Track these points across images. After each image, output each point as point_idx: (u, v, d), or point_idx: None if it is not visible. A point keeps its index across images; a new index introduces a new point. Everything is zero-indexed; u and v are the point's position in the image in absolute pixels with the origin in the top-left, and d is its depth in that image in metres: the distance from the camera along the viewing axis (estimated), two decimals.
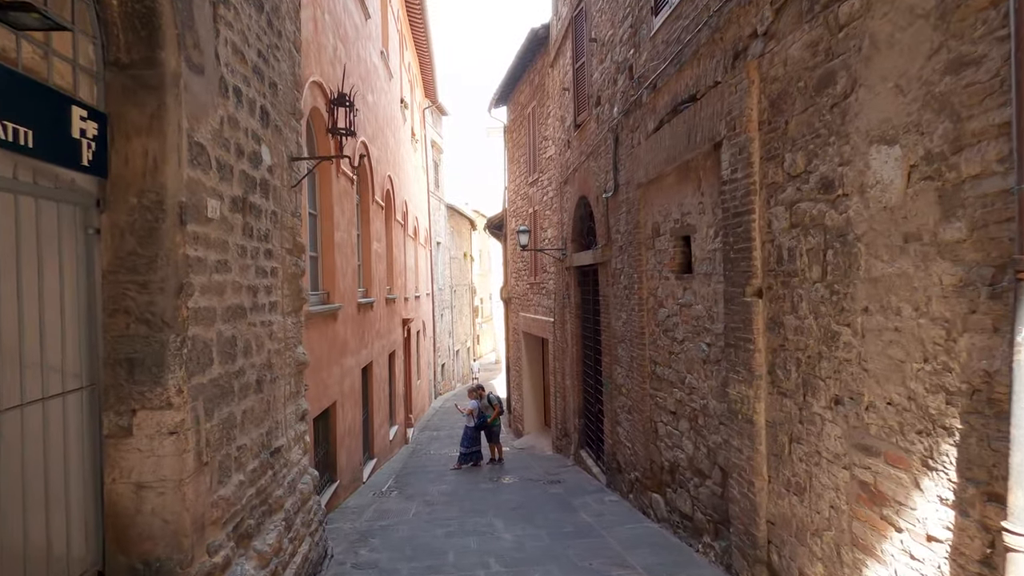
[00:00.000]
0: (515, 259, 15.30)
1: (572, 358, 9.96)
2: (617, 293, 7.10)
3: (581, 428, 9.74)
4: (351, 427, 8.43)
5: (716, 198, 4.33)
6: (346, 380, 8.16)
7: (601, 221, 7.74)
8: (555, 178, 11.15)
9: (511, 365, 16.36)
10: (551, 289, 11.80)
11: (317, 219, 7.50)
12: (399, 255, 14.34)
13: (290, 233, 4.89)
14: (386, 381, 11.91)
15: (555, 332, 11.46)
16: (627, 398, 6.80)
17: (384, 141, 12.12)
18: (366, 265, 10.40)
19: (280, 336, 4.57)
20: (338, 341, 7.72)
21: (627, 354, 6.73)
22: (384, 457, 11.44)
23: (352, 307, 8.64)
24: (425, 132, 24.26)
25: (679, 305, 5.16)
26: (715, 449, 4.47)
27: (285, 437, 4.65)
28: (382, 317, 11.46)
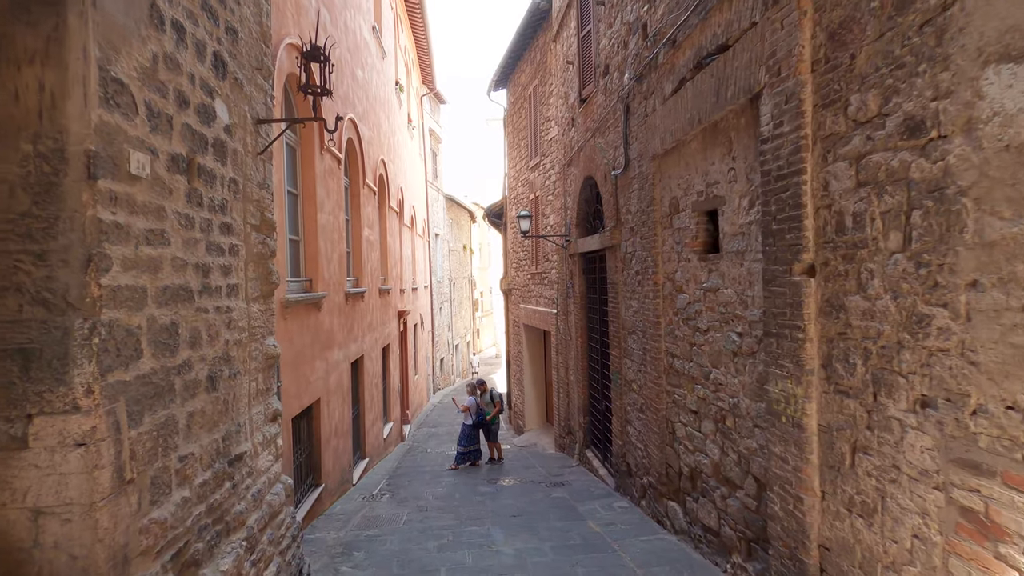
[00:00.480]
0: (515, 248, 14.66)
1: (576, 351, 9.34)
2: (627, 280, 6.46)
3: (586, 426, 9.13)
4: (338, 426, 7.81)
5: (752, 161, 3.68)
6: (332, 375, 7.53)
7: (609, 202, 7.09)
8: (558, 160, 10.50)
9: (511, 359, 15.75)
10: (553, 279, 11.17)
11: (298, 199, 6.86)
12: (394, 244, 13.69)
13: (257, 207, 4.25)
14: (379, 376, 11.30)
15: (558, 324, 10.82)
16: (639, 395, 6.17)
17: (376, 122, 11.46)
18: (356, 252, 9.75)
19: (243, 325, 3.93)
20: (322, 333, 7.09)
21: (639, 346, 6.10)
22: (377, 456, 10.84)
23: (339, 296, 8.01)
24: (423, 120, 23.60)
25: (703, 290, 4.52)
26: (748, 455, 3.85)
27: (250, 442, 4.02)
28: (375, 309, 10.83)
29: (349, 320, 8.62)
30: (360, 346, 9.41)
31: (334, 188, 7.88)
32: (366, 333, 9.95)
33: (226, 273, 3.66)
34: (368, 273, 10.26)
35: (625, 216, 6.50)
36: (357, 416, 9.63)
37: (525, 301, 13.67)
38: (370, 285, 10.38)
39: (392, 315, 13.15)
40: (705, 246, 4.56)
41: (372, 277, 10.64)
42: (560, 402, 10.95)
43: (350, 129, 9.00)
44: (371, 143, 10.81)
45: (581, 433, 9.26)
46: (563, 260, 10.18)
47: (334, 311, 7.71)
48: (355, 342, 9.02)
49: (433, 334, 24.55)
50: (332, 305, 7.60)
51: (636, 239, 6.10)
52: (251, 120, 4.12)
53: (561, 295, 10.46)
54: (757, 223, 3.64)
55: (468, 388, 10.60)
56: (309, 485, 6.79)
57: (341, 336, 8.10)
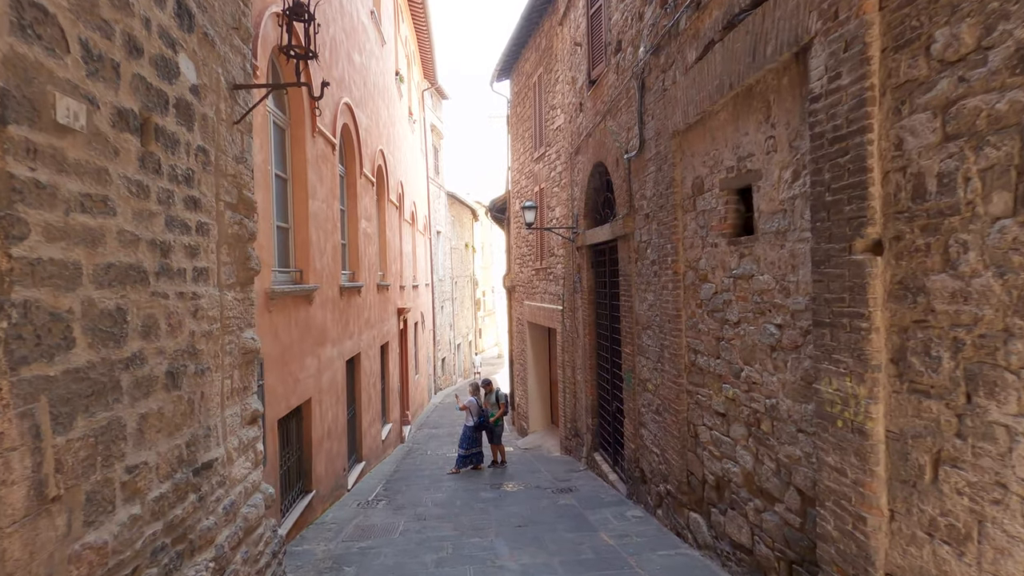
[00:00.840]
0: (519, 244, 14.19)
1: (584, 349, 8.85)
2: (642, 271, 5.98)
3: (595, 428, 8.65)
4: (332, 427, 7.34)
5: (798, 125, 3.20)
6: (325, 373, 7.06)
7: (621, 188, 6.61)
8: (564, 150, 10.02)
9: (515, 358, 15.27)
10: (559, 274, 10.69)
11: (287, 185, 6.39)
12: (393, 239, 13.23)
13: (233, 183, 3.78)
14: (378, 375, 10.83)
15: (564, 321, 10.35)
16: (655, 395, 5.69)
17: (374, 110, 10.99)
18: (353, 245, 9.29)
19: (214, 315, 3.47)
20: (314, 328, 6.62)
21: (655, 343, 5.62)
22: (375, 459, 10.37)
23: (333, 290, 7.54)
24: (424, 115, 23.16)
25: (732, 278, 4.03)
26: (790, 465, 3.36)
27: (222, 447, 3.56)
28: (373, 305, 10.36)
29: (344, 315, 8.16)
30: (356, 343, 8.95)
31: (328, 175, 7.41)
32: (363, 330, 9.48)
33: (192, 254, 3.19)
34: (365, 267, 9.80)
35: (639, 202, 6.02)
36: (353, 417, 9.16)
37: (529, 298, 13.20)
38: (367, 280, 9.91)
39: (391, 312, 12.68)
40: (735, 228, 4.07)
41: (370, 272, 10.18)
42: (566, 403, 10.47)
43: (345, 114, 8.54)
44: (369, 132, 10.35)
45: (589, 436, 8.77)
46: (570, 254, 9.71)
47: (327, 305, 7.24)
48: (351, 339, 8.55)
49: (435, 333, 24.09)
50: (325, 299, 7.14)
51: (652, 226, 5.62)
52: (225, 84, 3.65)
53: (568, 290, 9.98)
54: (803, 197, 3.15)
55: (471, 388, 10.13)
56: (298, 492, 6.32)
57: (335, 332, 7.63)
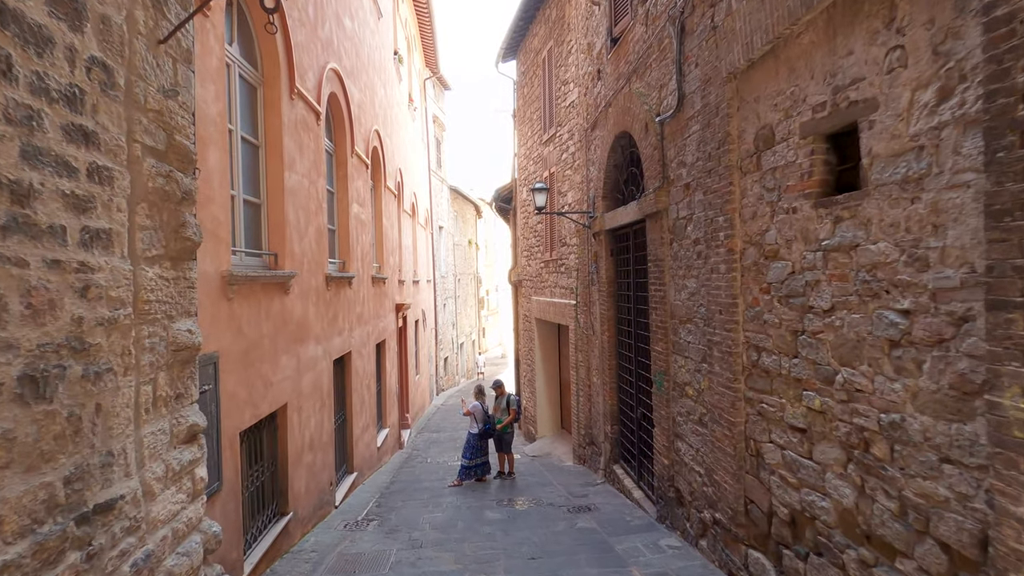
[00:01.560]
0: (526, 235, 13.21)
1: (602, 348, 7.88)
2: (680, 253, 5.00)
3: (615, 437, 7.66)
4: (315, 437, 6.38)
5: (951, 18, 2.22)
6: (306, 375, 6.10)
7: (652, 158, 5.63)
8: (578, 127, 9.05)
9: (521, 358, 14.30)
10: (572, 265, 9.72)
11: (259, 153, 5.43)
12: (391, 229, 12.27)
13: (157, 123, 2.81)
14: (372, 376, 9.87)
15: (577, 317, 9.37)
16: (697, 402, 4.71)
17: (369, 85, 10.03)
18: (343, 231, 8.33)
19: (120, 296, 2.50)
20: (291, 322, 5.65)
21: (699, 339, 4.64)
22: (369, 469, 9.41)
23: (317, 279, 6.58)
24: (426, 105, 22.26)
25: (821, 252, 3.05)
26: (927, 508, 2.38)
27: (135, 479, 2.60)
28: (367, 299, 9.40)
29: (331, 309, 7.20)
30: (346, 340, 7.99)
31: (311, 147, 6.45)
32: (355, 326, 8.52)
33: (80, 208, 2.23)
34: (358, 257, 8.84)
35: (676, 171, 5.04)
36: (343, 424, 8.20)
37: (538, 293, 12.22)
38: (360, 271, 8.96)
39: (389, 308, 11.73)
40: (824, 186, 3.09)
41: (363, 262, 9.22)
42: (580, 407, 9.49)
43: (333, 82, 7.57)
44: (362, 108, 9.39)
45: (608, 445, 7.79)
46: (584, 242, 8.73)
47: (310, 296, 6.28)
48: (340, 335, 7.59)
49: (437, 331, 23.15)
50: (307, 288, 6.18)
51: (695, 197, 4.64)
52: None
53: (582, 283, 9.01)
54: (962, 122, 2.17)
55: (475, 391, 9.14)
56: (271, 515, 5.35)
57: (320, 328, 6.67)
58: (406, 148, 15.19)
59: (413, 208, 16.74)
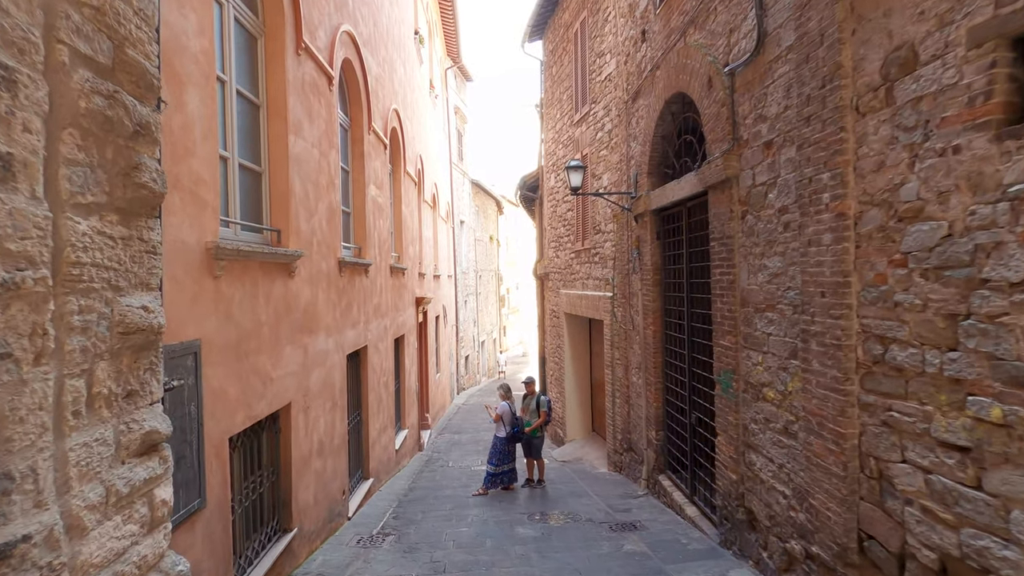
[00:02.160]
0: (554, 224, 12.39)
1: (645, 344, 7.03)
2: (758, 226, 4.15)
3: (661, 444, 6.80)
4: (324, 441, 5.65)
5: None
6: (315, 370, 5.37)
7: (717, 118, 4.78)
8: (616, 101, 8.21)
9: (548, 356, 13.48)
10: (607, 254, 8.88)
11: (260, 113, 4.69)
12: (411, 218, 11.55)
13: (95, 22, 2.03)
14: (390, 373, 9.14)
15: (614, 310, 8.54)
16: (782, 407, 3.86)
17: (388, 60, 9.30)
18: (358, 214, 7.60)
19: (33, 253, 1.72)
20: (296, 309, 4.92)
21: (784, 330, 3.79)
22: (386, 473, 8.68)
23: (329, 264, 5.85)
24: (447, 95, 21.59)
25: (1005, 202, 2.20)
26: None
27: (53, 510, 1.82)
28: (384, 289, 8.68)
29: (345, 298, 6.46)
30: (362, 334, 7.26)
31: (321, 114, 5.72)
32: (371, 319, 7.79)
33: None
34: (375, 244, 8.11)
35: (753, 128, 4.19)
36: (357, 425, 7.48)
37: (567, 285, 11.40)
38: (378, 259, 8.23)
39: (408, 301, 11.00)
40: (1011, 109, 2.24)
41: (381, 250, 8.49)
42: (616, 409, 8.66)
43: (348, 47, 6.84)
44: (380, 82, 8.66)
45: (652, 452, 6.94)
46: (623, 227, 7.89)
47: (320, 282, 5.55)
48: (354, 328, 6.86)
49: (458, 328, 22.45)
50: (316, 273, 5.44)
51: (781, 156, 3.79)
52: None
53: (619, 273, 8.17)
54: None
55: (501, 391, 8.33)
56: (271, 533, 4.61)
57: (331, 318, 5.94)
58: (427, 135, 14.47)
59: (434, 199, 16.04)
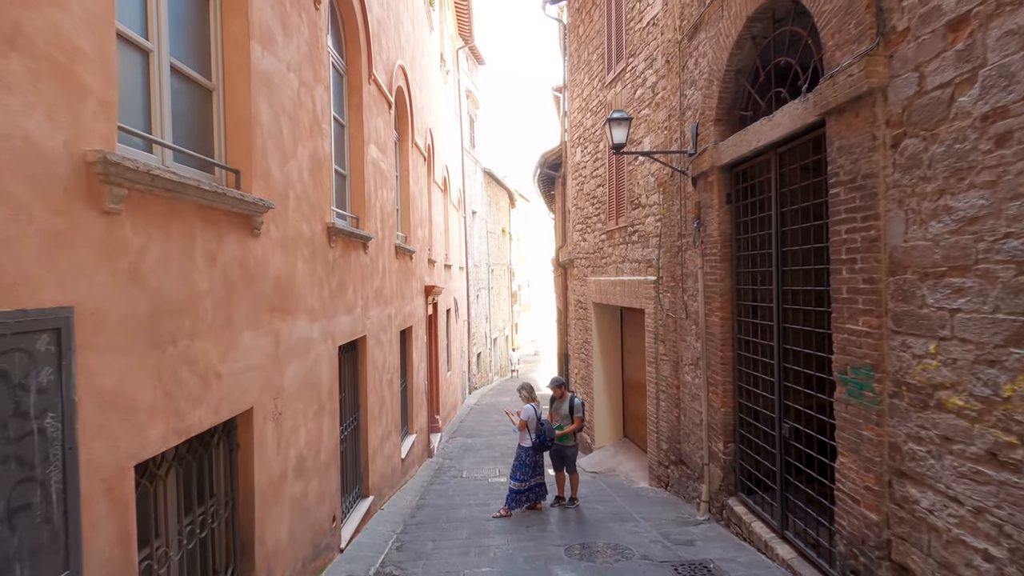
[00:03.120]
0: (580, 204, 11.03)
1: (708, 335, 5.69)
2: (937, 151, 2.78)
3: (730, 460, 5.45)
4: (306, 456, 4.35)
5: None
6: (291, 364, 4.07)
7: (848, 11, 3.42)
8: (663, 47, 6.86)
9: (572, 352, 12.13)
10: (649, 231, 7.54)
11: (211, 9, 3.40)
12: (419, 197, 10.26)
13: None
14: (396, 371, 7.85)
15: (659, 296, 7.19)
16: (986, 423, 2.51)
17: (392, 6, 8.01)
18: (356, 177, 6.31)
19: None
20: (262, 280, 3.61)
21: (991, 302, 2.45)
22: (390, 487, 7.39)
23: (313, 227, 4.55)
24: (459, 76, 20.30)
25: None
26: None
27: None
28: (388, 272, 7.39)
29: (336, 275, 5.17)
30: (359, 321, 5.96)
31: (303, 32, 4.41)
32: (371, 304, 6.50)
33: None
34: (377, 216, 6.83)
35: (922, 7, 2.84)
36: (355, 431, 6.18)
37: (597, 271, 10.05)
38: (380, 235, 6.94)
39: (416, 289, 9.71)
40: None
41: (384, 225, 7.20)
42: (660, 414, 7.31)
43: None
44: (383, 27, 7.36)
45: (717, 469, 5.59)
46: (674, 195, 6.55)
47: (300, 249, 4.25)
48: (349, 313, 5.57)
49: (469, 324, 21.15)
50: (295, 237, 4.14)
51: (990, 33, 2.44)
52: None
53: (667, 252, 6.82)
54: None
55: (524, 391, 6.96)
56: None
57: (317, 298, 4.64)
58: (437, 110, 13.17)
59: (445, 183, 14.75)
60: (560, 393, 6.84)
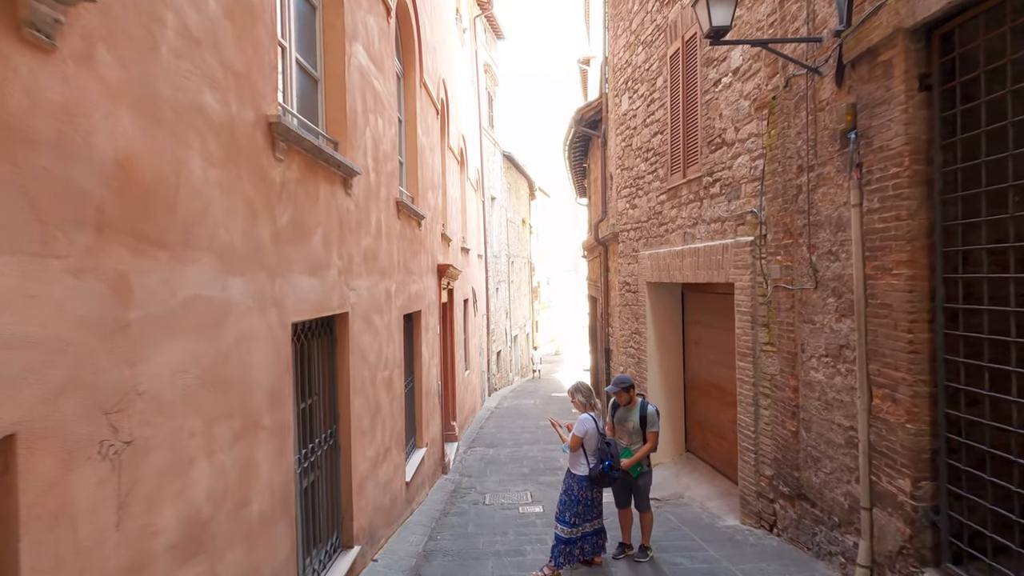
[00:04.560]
0: (627, 164, 8.98)
1: (879, 308, 3.62)
2: None
3: (930, 508, 3.36)
4: (204, 519, 2.37)
5: None
6: (164, 346, 2.11)
7: None
8: None
9: (615, 346, 10.06)
10: (741, 176, 5.50)
11: None
12: (430, 155, 8.31)
13: None
14: (398, 366, 5.88)
15: (761, 262, 5.13)
16: None
17: None
18: (334, 84, 4.33)
19: None
20: (76, 156, 1.67)
21: None
22: (388, 524, 5.42)
23: (233, 110, 2.59)
24: (476, 46, 18.41)
25: None
26: None
27: None
28: (385, 232, 5.43)
29: (290, 209, 3.20)
30: (335, 289, 4.00)
31: None
32: (358, 270, 4.54)
33: None
34: (367, 148, 4.87)
35: None
36: (330, 454, 4.20)
37: (653, 243, 8.00)
38: (373, 176, 4.99)
39: (427, 266, 7.76)
40: None
41: (380, 166, 5.25)
42: (760, 425, 5.26)
43: None
44: None
45: (897, 520, 3.51)
46: (794, 111, 4.51)
47: (189, 133, 2.30)
48: (313, 274, 3.60)
49: (488, 319, 19.19)
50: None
51: None
52: None
53: (776, 198, 4.77)
54: None
55: (579, 395, 4.81)
56: None
57: (237, 231, 2.68)
58: (452, 64, 11.22)
59: (462, 154, 12.82)
60: (627, 399, 4.78)
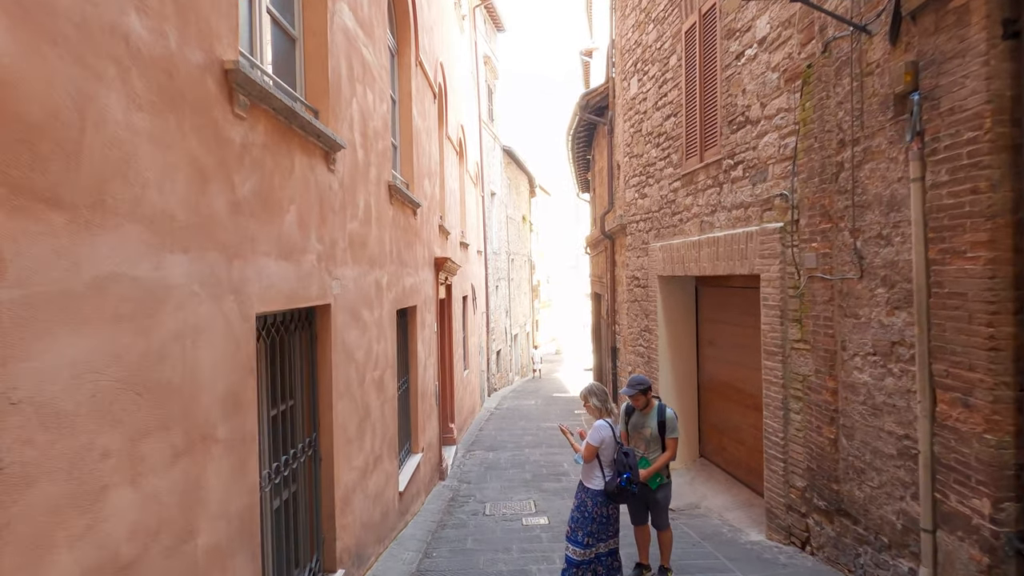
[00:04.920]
0: (637, 151, 8.46)
1: (946, 298, 3.11)
2: None
3: (1017, 535, 2.85)
4: (125, 563, 1.88)
5: None
6: (57, 340, 1.60)
7: None
8: None
9: (623, 344, 9.55)
10: (768, 156, 4.98)
11: None
12: (426, 141, 7.78)
13: None
14: (390, 365, 5.36)
15: (792, 251, 4.61)
16: None
17: None
18: (315, 43, 3.81)
19: None
20: None
21: None
22: (379, 540, 4.89)
23: (173, 47, 2.07)
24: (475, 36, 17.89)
25: None
26: None
27: None
28: (376, 218, 4.90)
29: (253, 177, 2.67)
30: (313, 276, 3.47)
31: None
32: (343, 257, 4.02)
33: None
34: (355, 122, 4.34)
35: None
36: (308, 466, 3.68)
37: (665, 235, 7.48)
38: (361, 154, 4.46)
39: (423, 258, 7.24)
40: None
41: (367, 141, 4.72)
42: (791, 430, 4.74)
43: None
44: None
45: (971, 548, 2.98)
46: (833, 80, 3.99)
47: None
48: (286, 258, 3.08)
49: (488, 317, 18.67)
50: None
51: None
52: None
53: (810, 178, 4.25)
54: None
55: (594, 400, 4.17)
56: None
57: (177, 197, 2.16)
58: (450, 47, 10.70)
59: (461, 145, 12.31)
60: (644, 402, 4.25)
